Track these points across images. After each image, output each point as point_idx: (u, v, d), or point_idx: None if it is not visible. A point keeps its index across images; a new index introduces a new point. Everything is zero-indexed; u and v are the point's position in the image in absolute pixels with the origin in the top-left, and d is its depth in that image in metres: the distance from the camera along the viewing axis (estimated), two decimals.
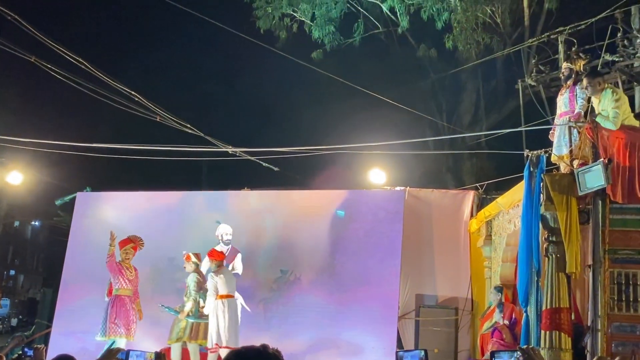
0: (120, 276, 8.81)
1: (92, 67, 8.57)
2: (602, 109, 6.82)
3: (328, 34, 14.71)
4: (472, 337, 9.48)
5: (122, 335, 8.54)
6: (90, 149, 9.67)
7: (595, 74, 7.28)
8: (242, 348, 2.07)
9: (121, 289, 8.79)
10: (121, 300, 8.71)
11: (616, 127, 6.62)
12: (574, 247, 6.37)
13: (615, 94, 6.85)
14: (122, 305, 8.67)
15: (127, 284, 8.83)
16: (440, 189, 10.95)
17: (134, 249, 9.01)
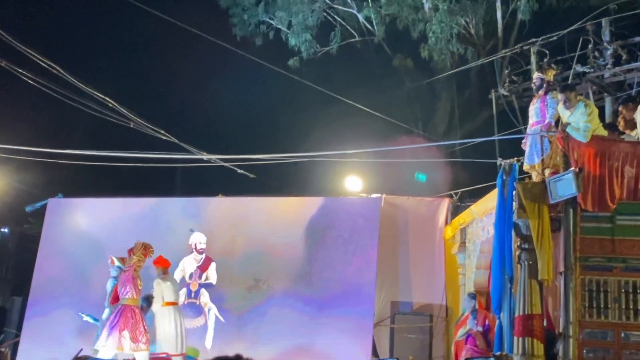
0: (132, 285, 8.24)
1: (65, 72, 8.45)
2: (572, 120, 6.95)
3: (305, 41, 14.75)
4: (446, 344, 9.52)
5: (130, 348, 7.94)
6: (62, 155, 9.50)
7: (571, 88, 7.40)
8: (215, 358, 2.05)
9: (131, 299, 8.20)
10: (131, 310, 8.15)
11: (586, 140, 6.73)
12: (546, 254, 6.46)
13: (587, 108, 6.98)
14: (132, 316, 8.09)
15: (137, 293, 8.30)
16: (415, 197, 11.02)
17: (144, 256, 8.51)
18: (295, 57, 14.99)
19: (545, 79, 7.47)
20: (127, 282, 8.21)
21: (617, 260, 6.59)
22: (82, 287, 10.84)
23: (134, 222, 10.99)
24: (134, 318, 8.03)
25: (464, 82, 15.34)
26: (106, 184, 12.57)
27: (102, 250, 10.88)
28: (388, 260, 9.98)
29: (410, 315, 9.74)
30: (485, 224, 8.23)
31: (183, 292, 10.35)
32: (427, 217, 10.27)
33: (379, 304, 9.81)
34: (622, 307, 6.48)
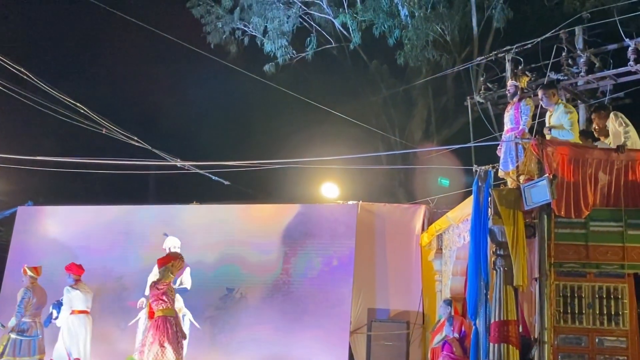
0: (166, 296, 8.03)
1: (35, 77, 8.28)
2: (553, 122, 7.06)
3: (280, 47, 14.69)
4: (423, 351, 9.51)
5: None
6: (32, 162, 9.30)
7: (550, 85, 7.51)
8: None
9: (167, 309, 7.99)
10: (168, 321, 7.94)
11: (574, 135, 6.86)
12: (521, 260, 6.47)
13: (567, 108, 7.19)
14: (170, 327, 7.89)
15: (172, 303, 8.10)
16: (392, 203, 11.01)
17: (173, 267, 8.25)
18: (271, 63, 14.93)
19: (519, 86, 7.51)
20: (164, 293, 8.00)
21: (590, 266, 6.63)
22: (52, 296, 10.63)
23: (106, 230, 10.83)
24: (172, 329, 7.89)
25: (440, 89, 15.43)
26: (78, 191, 12.36)
27: (73, 259, 10.68)
28: (365, 267, 9.95)
29: (387, 323, 9.70)
30: (461, 230, 8.24)
31: None
32: (404, 223, 10.27)
33: (355, 311, 9.77)
34: (596, 313, 6.52)
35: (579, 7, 12.85)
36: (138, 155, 9.33)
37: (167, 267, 8.14)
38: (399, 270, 10.09)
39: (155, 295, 8.02)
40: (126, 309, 10.23)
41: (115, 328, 10.19)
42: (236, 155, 9.68)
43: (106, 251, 10.66)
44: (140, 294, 9.95)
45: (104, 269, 10.60)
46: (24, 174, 11.09)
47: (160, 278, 8.11)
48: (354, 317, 9.73)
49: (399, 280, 10.07)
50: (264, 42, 14.83)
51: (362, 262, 9.88)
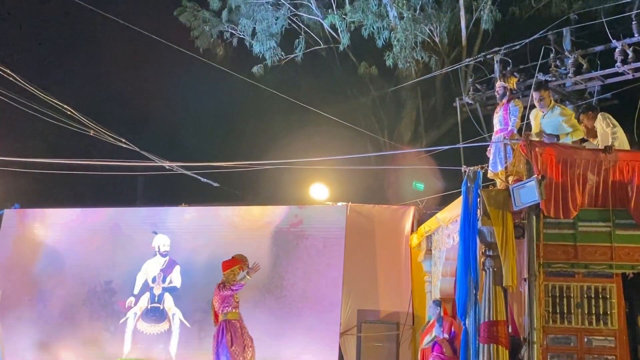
0: (232, 299, 7.96)
1: (22, 78, 8.20)
2: (545, 122, 7.11)
3: (269, 49, 14.65)
4: (413, 352, 9.50)
5: None
6: (19, 164, 9.21)
7: (545, 86, 7.53)
8: None
9: (230, 313, 7.91)
10: (233, 325, 7.90)
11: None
12: (510, 260, 6.48)
13: (564, 110, 7.29)
14: (235, 330, 7.85)
15: (236, 306, 8.03)
16: (381, 204, 11.01)
17: (240, 270, 8.14)
18: (260, 65, 14.88)
19: (507, 87, 7.53)
20: (230, 297, 7.92)
21: (579, 266, 6.65)
22: (39, 299, 10.54)
23: (94, 233, 10.76)
24: (237, 332, 7.83)
25: (429, 90, 15.45)
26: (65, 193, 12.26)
27: (60, 262, 10.62)
28: (354, 268, 9.93)
29: (377, 324, 9.69)
30: (450, 231, 8.25)
31: (146, 296, 10.16)
32: (393, 224, 10.27)
33: (345, 312, 9.75)
34: (585, 313, 6.54)
35: (566, 8, 12.92)
36: (126, 157, 9.27)
37: (232, 270, 8.01)
38: (389, 271, 10.09)
39: (220, 299, 7.90)
40: (116, 313, 10.18)
41: (105, 332, 10.13)
42: (225, 156, 9.65)
43: (94, 254, 10.58)
44: (129, 296, 9.92)
45: (92, 272, 10.53)
46: (9, 177, 10.98)
47: (225, 281, 7.95)
48: (344, 319, 9.71)
49: (388, 281, 10.07)
50: (253, 44, 14.79)
51: (351, 264, 9.86)
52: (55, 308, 10.48)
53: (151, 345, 9.95)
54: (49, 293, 10.57)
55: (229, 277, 7.98)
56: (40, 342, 10.29)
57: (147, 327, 10.09)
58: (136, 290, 10.29)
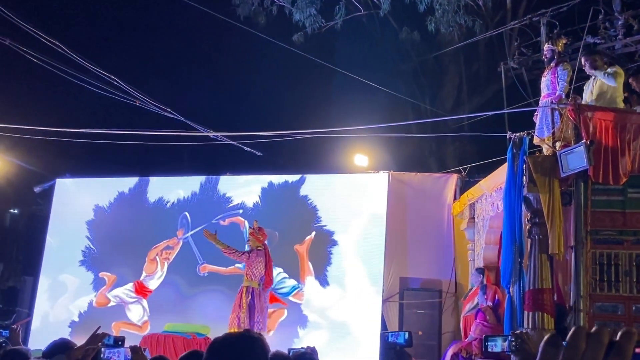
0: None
1: (70, 50, 8.36)
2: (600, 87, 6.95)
3: (309, 17, 14.53)
4: (455, 319, 9.54)
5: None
6: (68, 134, 9.46)
7: (593, 51, 7.33)
8: (225, 334, 2.04)
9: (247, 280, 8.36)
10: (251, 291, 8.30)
11: (616, 81, 6.84)
12: (557, 228, 6.41)
13: (613, 67, 7.16)
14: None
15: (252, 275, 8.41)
16: (423, 173, 10.94)
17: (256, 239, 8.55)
18: (300, 33, 14.80)
19: (556, 50, 7.34)
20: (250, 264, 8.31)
21: (628, 234, 6.54)
22: (92, 266, 10.93)
23: (142, 201, 11.01)
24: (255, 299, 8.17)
25: (472, 55, 15.13)
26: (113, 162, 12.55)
27: (109, 229, 10.95)
28: (396, 236, 9.96)
29: (419, 291, 9.74)
30: (494, 199, 8.17)
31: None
32: (435, 193, 10.22)
33: (387, 279, 9.82)
34: (633, 281, 6.45)
35: None
36: (172, 127, 9.42)
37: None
38: (431, 239, 10.09)
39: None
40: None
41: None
42: (266, 126, 9.71)
43: (145, 222, 10.87)
44: (181, 265, 10.14)
45: (136, 238, 10.82)
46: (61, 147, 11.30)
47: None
48: (386, 286, 9.78)
49: (430, 249, 10.07)
50: (293, 11, 14.69)
51: (393, 232, 9.89)
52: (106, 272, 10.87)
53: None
54: (100, 257, 10.94)
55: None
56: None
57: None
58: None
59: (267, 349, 2.05)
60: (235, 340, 2.01)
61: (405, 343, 7.57)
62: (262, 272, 8.29)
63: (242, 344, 1.99)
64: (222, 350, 1.97)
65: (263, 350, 2.02)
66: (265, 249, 8.55)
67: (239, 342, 2.00)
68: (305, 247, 10.02)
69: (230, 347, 1.98)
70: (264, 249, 8.50)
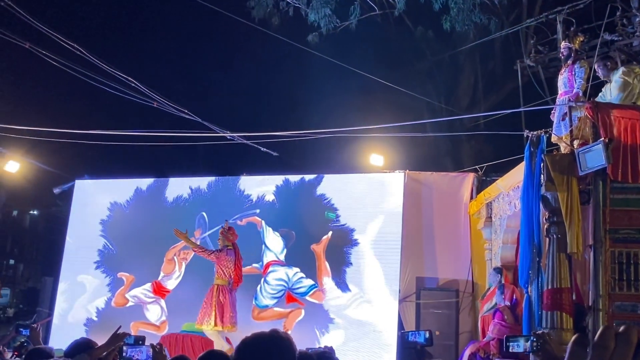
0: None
1: (88, 53, 8.47)
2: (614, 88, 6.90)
3: (324, 17, 14.55)
4: (473, 319, 9.50)
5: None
6: (87, 136, 9.58)
7: (604, 57, 7.31)
8: (254, 334, 2.06)
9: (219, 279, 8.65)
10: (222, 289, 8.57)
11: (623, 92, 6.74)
12: (575, 227, 6.36)
13: (625, 68, 7.10)
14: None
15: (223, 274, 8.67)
16: (439, 172, 10.91)
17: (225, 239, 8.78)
18: (315, 33, 14.82)
19: (573, 47, 7.29)
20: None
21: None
22: (110, 266, 11.03)
23: (159, 202, 11.09)
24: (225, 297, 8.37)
25: (488, 53, 15.06)
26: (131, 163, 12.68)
27: (128, 230, 11.04)
28: (413, 236, 9.94)
29: (436, 291, 9.72)
30: (511, 198, 8.13)
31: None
32: (452, 192, 10.18)
33: (404, 279, 9.80)
34: None
35: None
36: (188, 128, 9.50)
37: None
38: (448, 238, 10.05)
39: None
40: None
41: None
42: (281, 126, 9.75)
43: (162, 223, 10.93)
44: (199, 265, 10.22)
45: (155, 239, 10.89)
46: (80, 148, 11.44)
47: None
48: (403, 286, 9.77)
49: (447, 249, 10.04)
50: (308, 12, 14.72)
51: (410, 231, 9.87)
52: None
53: None
54: (118, 258, 11.04)
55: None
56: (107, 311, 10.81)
57: None
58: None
59: (295, 349, 2.07)
60: (264, 340, 2.03)
61: (426, 342, 7.57)
62: (231, 271, 8.50)
63: (271, 344, 2.02)
64: (251, 350, 2.00)
65: (291, 350, 2.04)
66: (235, 248, 8.74)
67: (268, 342, 2.03)
68: (322, 247, 10.04)
69: (259, 347, 2.01)
70: (234, 248, 8.70)
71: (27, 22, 7.96)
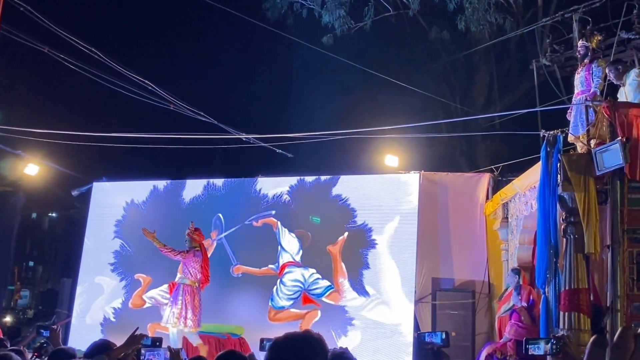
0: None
1: (105, 56, 8.58)
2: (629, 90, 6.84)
3: (338, 18, 14.58)
4: (489, 320, 9.46)
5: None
6: (104, 139, 9.70)
7: (614, 61, 7.27)
8: (286, 334, 2.09)
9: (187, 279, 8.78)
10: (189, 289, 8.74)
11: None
12: (593, 227, 6.32)
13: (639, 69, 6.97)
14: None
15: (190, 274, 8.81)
16: (454, 172, 10.88)
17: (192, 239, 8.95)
18: (329, 34, 14.85)
19: (589, 46, 7.24)
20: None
21: None
22: (128, 268, 11.13)
23: (175, 204, 11.17)
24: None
25: (503, 53, 14.99)
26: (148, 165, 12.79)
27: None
28: (428, 237, 9.92)
29: (451, 292, 9.69)
30: (528, 198, 8.09)
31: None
32: (467, 192, 10.15)
33: (420, 280, 9.79)
34: None
35: None
36: (205, 130, 9.57)
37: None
38: (463, 239, 10.02)
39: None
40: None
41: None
42: (296, 128, 9.78)
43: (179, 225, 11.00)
44: (217, 265, 10.27)
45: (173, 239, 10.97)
46: (97, 151, 11.57)
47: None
48: (419, 287, 9.75)
49: (463, 249, 10.01)
50: (322, 14, 14.76)
51: (425, 232, 9.84)
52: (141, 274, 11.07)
53: None
54: (135, 260, 11.14)
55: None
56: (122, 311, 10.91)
57: None
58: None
59: (327, 350, 2.09)
60: (297, 341, 2.05)
61: (443, 343, 7.56)
62: (199, 272, 8.64)
63: (304, 344, 2.04)
64: (284, 351, 2.02)
65: (323, 350, 2.05)
66: (202, 248, 8.87)
67: (301, 342, 2.05)
68: (338, 248, 10.05)
69: (291, 347, 2.03)
70: (201, 249, 8.83)
71: (45, 26, 8.08)
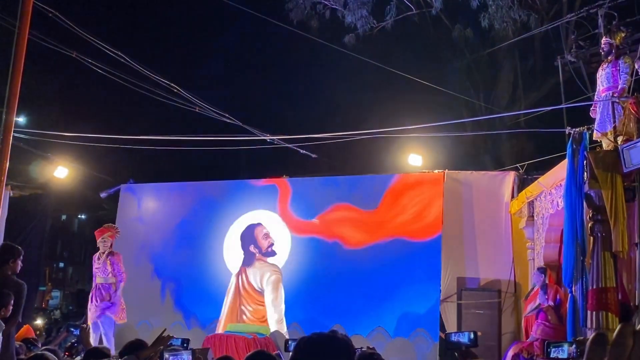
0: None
1: (132, 60, 8.72)
2: None
3: (361, 18, 14.59)
4: (515, 319, 9.39)
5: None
6: (132, 141, 9.87)
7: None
8: (312, 334, 2.10)
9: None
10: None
11: None
12: (620, 225, 6.25)
13: None
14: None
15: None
16: (479, 171, 10.81)
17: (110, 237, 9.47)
18: (351, 34, 14.87)
19: (614, 43, 7.15)
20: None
21: None
22: (155, 270, 11.28)
23: (202, 205, 11.29)
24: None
25: (527, 50, 14.84)
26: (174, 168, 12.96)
27: (172, 233, 11.28)
28: (453, 236, 9.88)
29: (477, 291, 9.64)
30: (554, 196, 8.02)
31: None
32: (492, 191, 10.08)
33: (445, 280, 9.75)
34: None
35: None
36: (230, 132, 9.66)
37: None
38: (488, 238, 9.95)
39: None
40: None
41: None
42: (321, 128, 9.81)
43: (204, 225, 11.13)
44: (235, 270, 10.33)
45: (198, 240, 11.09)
46: (125, 154, 11.74)
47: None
48: (444, 286, 9.72)
49: (488, 248, 9.94)
50: (345, 14, 14.78)
51: (450, 231, 9.81)
52: (167, 276, 11.20)
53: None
54: (162, 260, 11.29)
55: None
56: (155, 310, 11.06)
57: None
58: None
59: (354, 351, 2.10)
60: (322, 342, 2.05)
61: (470, 343, 7.50)
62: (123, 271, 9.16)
63: (329, 345, 2.04)
64: (310, 351, 2.03)
65: (348, 352, 2.06)
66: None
67: (326, 343, 2.05)
68: None
69: (318, 347, 2.03)
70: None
71: (73, 31, 8.24)
